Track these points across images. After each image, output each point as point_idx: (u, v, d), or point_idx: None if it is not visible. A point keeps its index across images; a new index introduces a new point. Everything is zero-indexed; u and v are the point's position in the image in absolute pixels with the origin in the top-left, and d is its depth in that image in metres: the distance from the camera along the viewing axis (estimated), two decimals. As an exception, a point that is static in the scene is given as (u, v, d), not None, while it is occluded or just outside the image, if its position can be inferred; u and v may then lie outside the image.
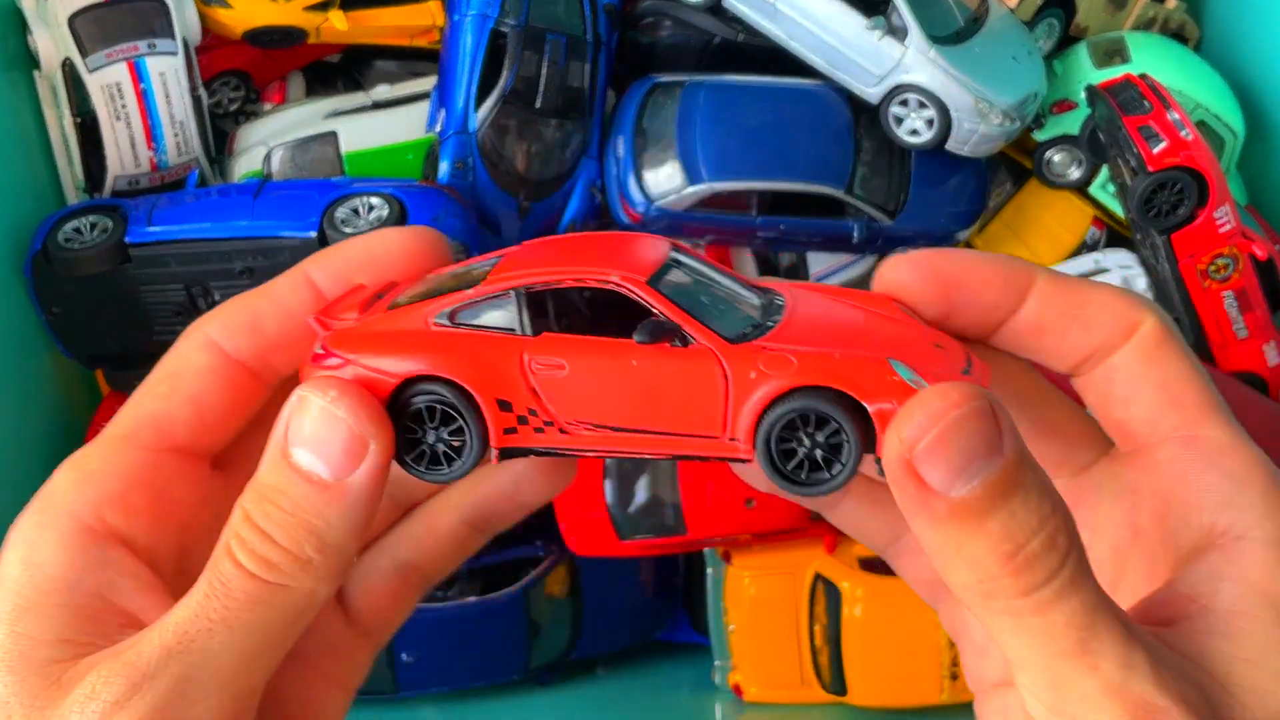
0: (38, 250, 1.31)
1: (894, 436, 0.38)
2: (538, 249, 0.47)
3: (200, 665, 0.40)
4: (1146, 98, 1.35)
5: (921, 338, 0.44)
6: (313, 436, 0.42)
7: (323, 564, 0.42)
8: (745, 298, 0.46)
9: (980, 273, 0.46)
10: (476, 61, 1.42)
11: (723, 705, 1.41)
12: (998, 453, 0.37)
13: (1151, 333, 0.45)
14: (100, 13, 1.38)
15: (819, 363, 0.41)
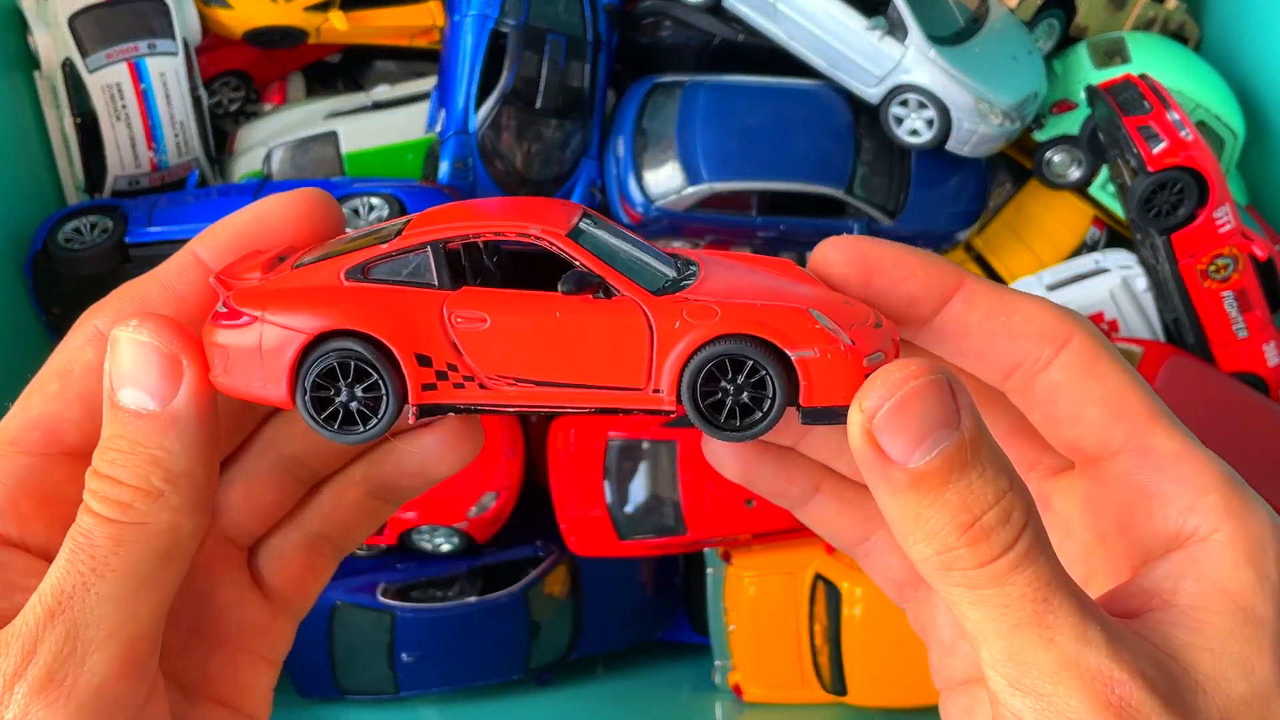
0: (38, 250, 1.31)
1: (855, 406, 0.40)
2: (449, 210, 0.45)
3: (82, 618, 0.40)
4: (1146, 98, 1.35)
5: (830, 294, 0.44)
6: (130, 371, 0.42)
7: (174, 493, 0.42)
8: (659, 257, 0.46)
9: (904, 264, 0.46)
10: (476, 61, 1.42)
11: (723, 705, 1.41)
12: (955, 425, 0.39)
13: (1085, 346, 0.45)
14: (100, 13, 1.38)
15: (742, 311, 0.41)
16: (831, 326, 0.41)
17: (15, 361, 1.33)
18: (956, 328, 0.46)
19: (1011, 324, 0.45)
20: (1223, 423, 1.30)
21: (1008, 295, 0.46)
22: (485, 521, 1.39)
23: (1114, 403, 0.45)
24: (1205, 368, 1.38)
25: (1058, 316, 0.46)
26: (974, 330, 0.46)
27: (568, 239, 0.43)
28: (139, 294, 0.47)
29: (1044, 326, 0.45)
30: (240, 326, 0.43)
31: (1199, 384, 1.34)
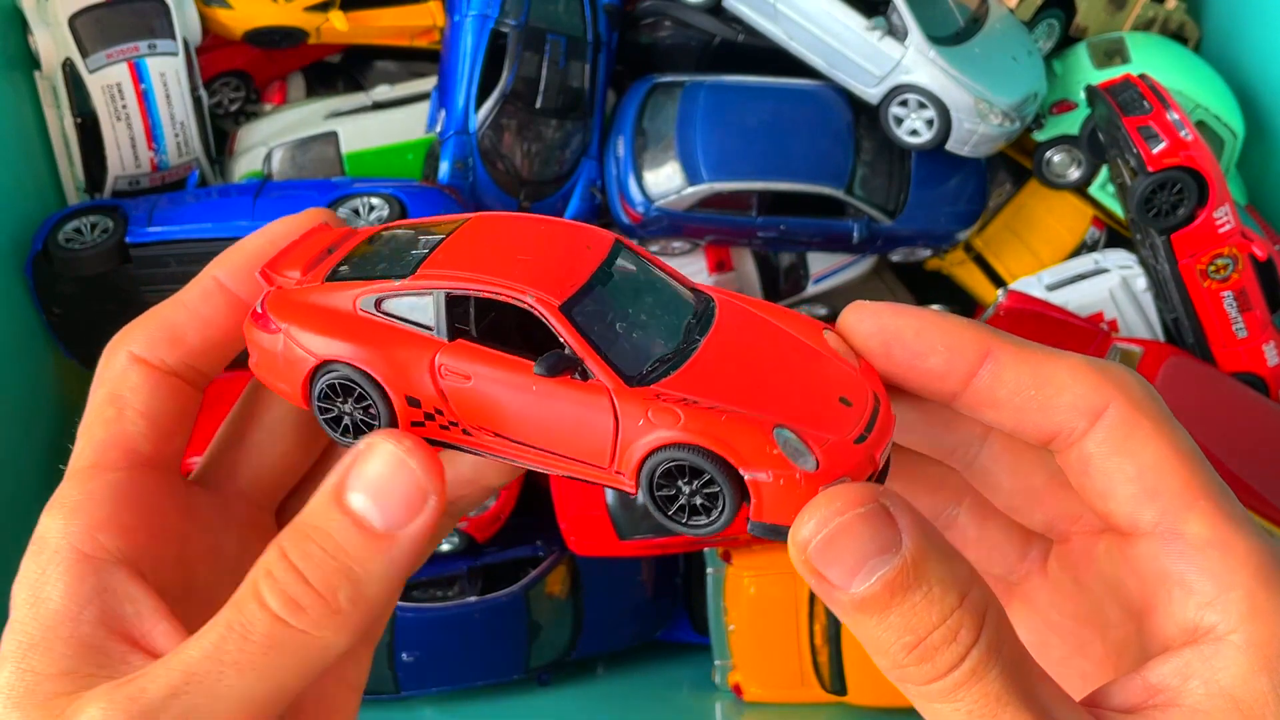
0: (38, 250, 1.31)
1: (793, 534, 0.40)
2: (486, 233, 0.47)
3: (203, 707, 0.40)
4: (1146, 98, 1.35)
5: (830, 389, 0.44)
6: (376, 480, 0.41)
7: (351, 615, 0.41)
8: (668, 318, 0.45)
9: (925, 338, 0.44)
10: (476, 62, 1.42)
11: (723, 705, 1.41)
12: (895, 550, 0.39)
13: (1122, 417, 0.43)
14: (100, 13, 1.38)
15: (704, 422, 0.41)
16: (794, 449, 0.41)
17: (15, 361, 1.33)
18: (986, 401, 0.44)
19: (1043, 396, 0.43)
20: (1222, 423, 1.30)
21: (1038, 363, 0.43)
22: (485, 521, 1.39)
23: (1147, 481, 0.42)
24: (1205, 368, 1.38)
25: (1093, 384, 0.43)
26: (1004, 403, 0.44)
27: (559, 311, 0.43)
28: (166, 319, 0.49)
29: (1078, 398, 0.43)
30: (269, 332, 0.46)
31: (1198, 384, 1.34)
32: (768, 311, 0.47)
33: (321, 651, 0.41)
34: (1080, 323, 1.40)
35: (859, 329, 0.45)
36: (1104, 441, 0.43)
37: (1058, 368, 0.43)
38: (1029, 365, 0.43)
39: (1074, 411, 0.43)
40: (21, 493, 1.32)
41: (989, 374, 0.44)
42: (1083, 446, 0.43)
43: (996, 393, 0.44)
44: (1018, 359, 0.44)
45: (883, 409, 0.44)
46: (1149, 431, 0.42)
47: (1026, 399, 0.43)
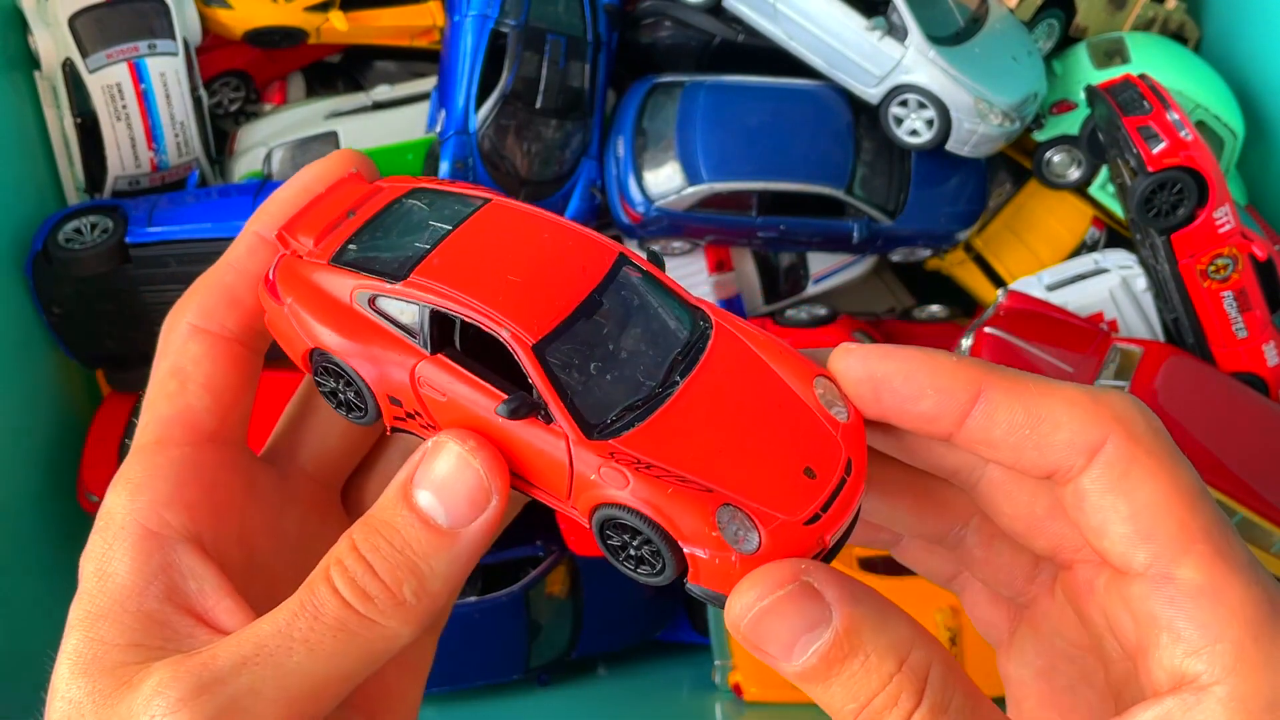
0: (38, 250, 1.31)
1: (726, 614, 0.40)
2: (491, 234, 0.46)
3: (270, 680, 0.41)
4: (1146, 98, 1.35)
5: (799, 456, 0.43)
6: (441, 480, 0.43)
7: (416, 608, 0.42)
8: (651, 354, 0.45)
9: (914, 381, 0.43)
10: (476, 62, 1.42)
11: (723, 705, 1.41)
12: (824, 624, 0.39)
13: (1119, 454, 0.41)
14: (100, 13, 1.38)
15: (650, 491, 0.41)
16: (734, 533, 0.41)
17: (15, 361, 1.33)
18: (981, 440, 0.43)
19: (1039, 434, 0.42)
20: (1222, 423, 1.30)
21: (1033, 400, 0.42)
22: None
23: (1142, 521, 0.41)
24: (1205, 368, 1.38)
25: (1089, 419, 0.42)
26: (1000, 442, 0.43)
27: (531, 352, 0.43)
28: (219, 283, 0.49)
29: (1074, 434, 0.41)
30: (276, 300, 0.47)
31: (1198, 384, 1.33)
32: (763, 347, 0.46)
33: (387, 640, 0.42)
34: (1080, 323, 1.40)
35: (848, 375, 0.45)
36: (1099, 479, 0.41)
37: (1053, 404, 0.42)
38: (1022, 403, 0.42)
39: (1070, 448, 0.42)
40: (22, 492, 1.32)
41: (982, 414, 0.43)
42: (1079, 483, 0.42)
43: (991, 432, 0.43)
44: (1011, 397, 0.42)
45: (850, 482, 0.43)
46: (1147, 468, 0.41)
47: (1021, 437, 0.42)
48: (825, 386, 0.45)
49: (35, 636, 1.28)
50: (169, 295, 1.34)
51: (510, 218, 0.47)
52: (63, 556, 1.38)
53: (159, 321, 1.53)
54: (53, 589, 1.35)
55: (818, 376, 0.45)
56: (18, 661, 1.22)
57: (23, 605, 1.27)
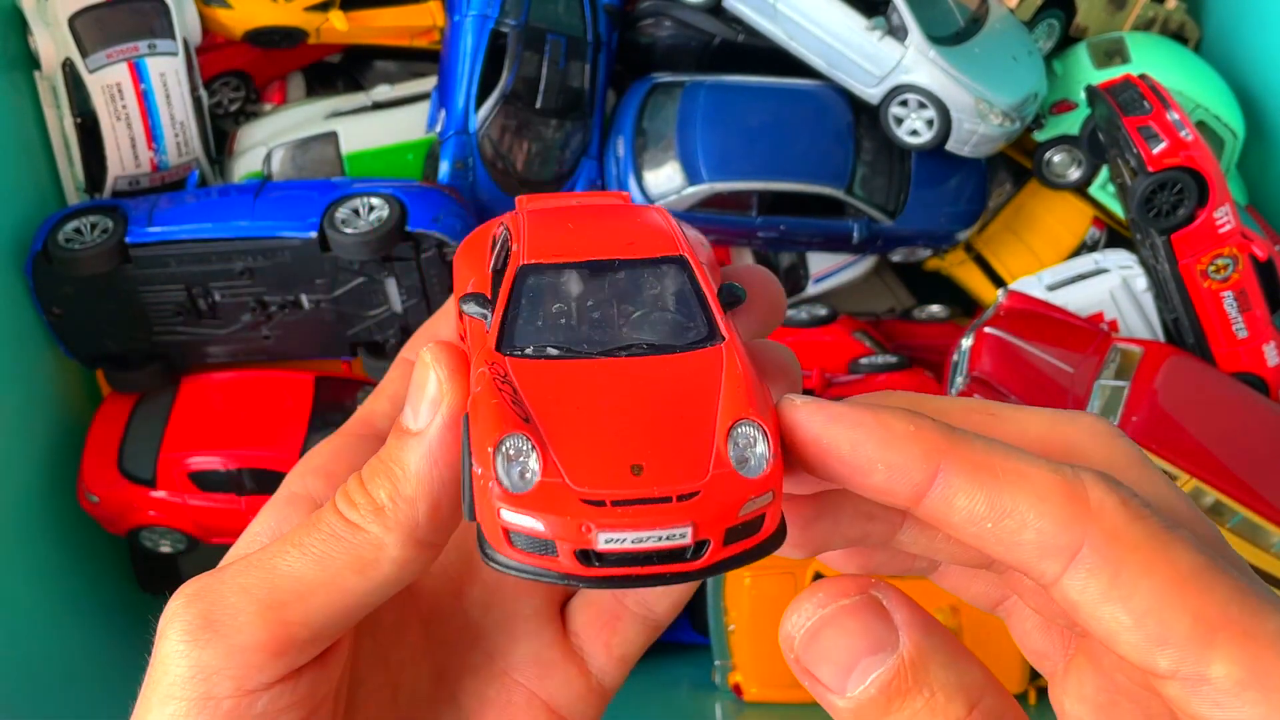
0: (38, 250, 1.31)
1: (781, 631, 0.36)
2: (592, 209, 0.48)
3: (260, 579, 0.42)
4: (1146, 98, 1.35)
5: (635, 456, 0.39)
6: (412, 391, 0.43)
7: (394, 512, 0.42)
8: (621, 330, 0.43)
9: (862, 453, 0.37)
10: (476, 62, 1.42)
11: (723, 705, 1.41)
12: (891, 649, 0.35)
13: (1100, 561, 0.35)
14: (100, 13, 1.38)
15: (477, 394, 0.41)
16: (508, 463, 0.38)
17: (15, 361, 1.33)
18: (941, 524, 0.38)
19: (1003, 531, 0.36)
20: (1222, 423, 1.30)
21: (995, 491, 0.36)
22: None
23: (1151, 628, 0.35)
24: (1205, 368, 1.38)
25: (1059, 518, 0.35)
26: (959, 530, 0.37)
27: (517, 268, 0.44)
28: (433, 328, 0.54)
29: (1044, 536, 0.35)
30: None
31: (1198, 384, 1.33)
32: (734, 380, 0.42)
33: (373, 549, 0.42)
34: (1080, 323, 1.40)
35: (793, 434, 0.39)
36: (1087, 589, 0.35)
37: (1018, 496, 0.36)
38: (985, 489, 0.36)
39: (1041, 552, 0.36)
40: (22, 492, 1.32)
41: (939, 497, 0.37)
42: (1063, 591, 0.36)
43: (949, 518, 0.37)
44: (971, 480, 0.36)
45: (682, 515, 0.37)
46: (1138, 567, 0.35)
47: (983, 530, 0.36)
48: (749, 438, 0.39)
49: (35, 636, 1.28)
50: (169, 295, 1.34)
51: (608, 203, 0.50)
52: (62, 556, 1.39)
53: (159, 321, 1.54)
54: (52, 589, 1.35)
55: (741, 422, 0.40)
56: (18, 661, 1.22)
57: (23, 605, 1.27)
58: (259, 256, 1.32)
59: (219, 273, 1.33)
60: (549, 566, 0.38)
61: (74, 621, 1.35)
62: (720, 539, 0.38)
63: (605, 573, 0.37)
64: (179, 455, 1.35)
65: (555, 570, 0.38)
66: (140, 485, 1.36)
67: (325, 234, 1.30)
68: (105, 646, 1.38)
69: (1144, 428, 1.24)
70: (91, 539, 1.43)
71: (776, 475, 0.38)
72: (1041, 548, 0.35)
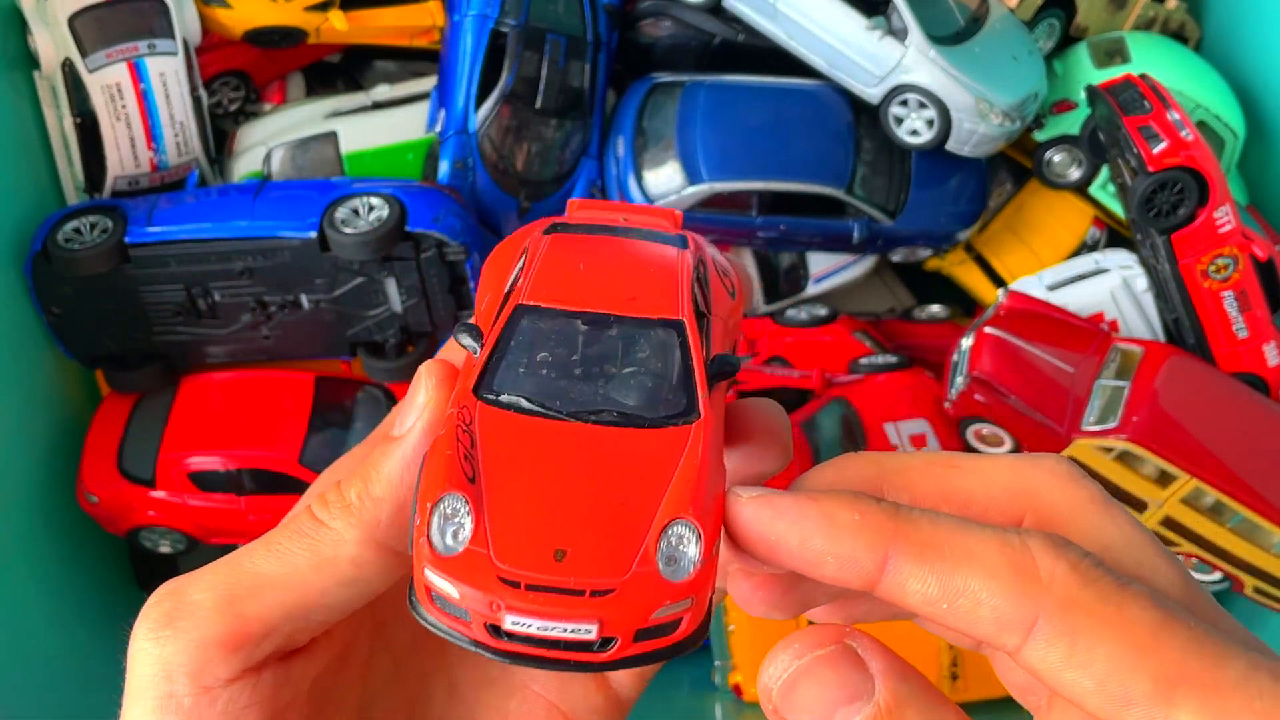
0: (38, 250, 1.31)
1: (759, 682, 0.37)
2: (616, 244, 0.47)
3: (225, 576, 0.42)
4: (1146, 98, 1.34)
5: (560, 541, 0.39)
6: (405, 397, 0.45)
7: (359, 510, 0.43)
8: (599, 393, 0.42)
9: (811, 546, 0.38)
10: (476, 62, 1.42)
11: (723, 705, 1.41)
12: (864, 697, 0.35)
13: (1056, 632, 0.36)
14: (100, 13, 1.38)
15: (436, 445, 0.41)
16: (444, 525, 0.38)
17: (15, 361, 1.33)
18: (900, 606, 0.38)
19: (958, 610, 0.37)
20: (1222, 423, 1.30)
21: (945, 568, 0.37)
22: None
23: (1113, 689, 0.35)
24: (1205, 368, 1.38)
25: (1010, 594, 0.36)
26: (919, 611, 0.38)
27: (514, 307, 0.44)
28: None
29: (999, 613, 0.36)
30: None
31: (1198, 384, 1.33)
32: (688, 474, 0.41)
33: (333, 544, 0.42)
34: (1081, 323, 1.40)
35: (740, 535, 0.39)
36: (1046, 658, 0.36)
37: (969, 577, 0.36)
38: (935, 573, 0.37)
39: (999, 627, 0.36)
40: (22, 492, 1.32)
41: (892, 583, 0.38)
42: (1025, 660, 0.36)
43: (905, 601, 0.38)
44: (920, 565, 0.37)
45: (590, 614, 0.37)
46: (1094, 633, 0.35)
47: (939, 611, 0.37)
48: (682, 539, 0.39)
49: (35, 636, 1.28)
50: (169, 295, 1.34)
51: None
52: (62, 556, 1.38)
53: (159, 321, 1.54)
54: (52, 589, 1.35)
55: (678, 521, 0.39)
56: (18, 660, 1.22)
57: (23, 605, 1.27)
58: (259, 256, 1.32)
59: (219, 273, 1.33)
60: (462, 631, 0.38)
61: (74, 621, 1.35)
62: (629, 638, 0.38)
63: (512, 649, 0.38)
64: (179, 455, 1.35)
65: (467, 636, 0.38)
66: (140, 485, 1.36)
67: (325, 234, 1.30)
68: (105, 646, 1.38)
69: (1144, 428, 1.24)
70: (91, 539, 1.42)
71: (701, 581, 0.38)
72: (998, 623, 0.36)
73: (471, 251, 1.32)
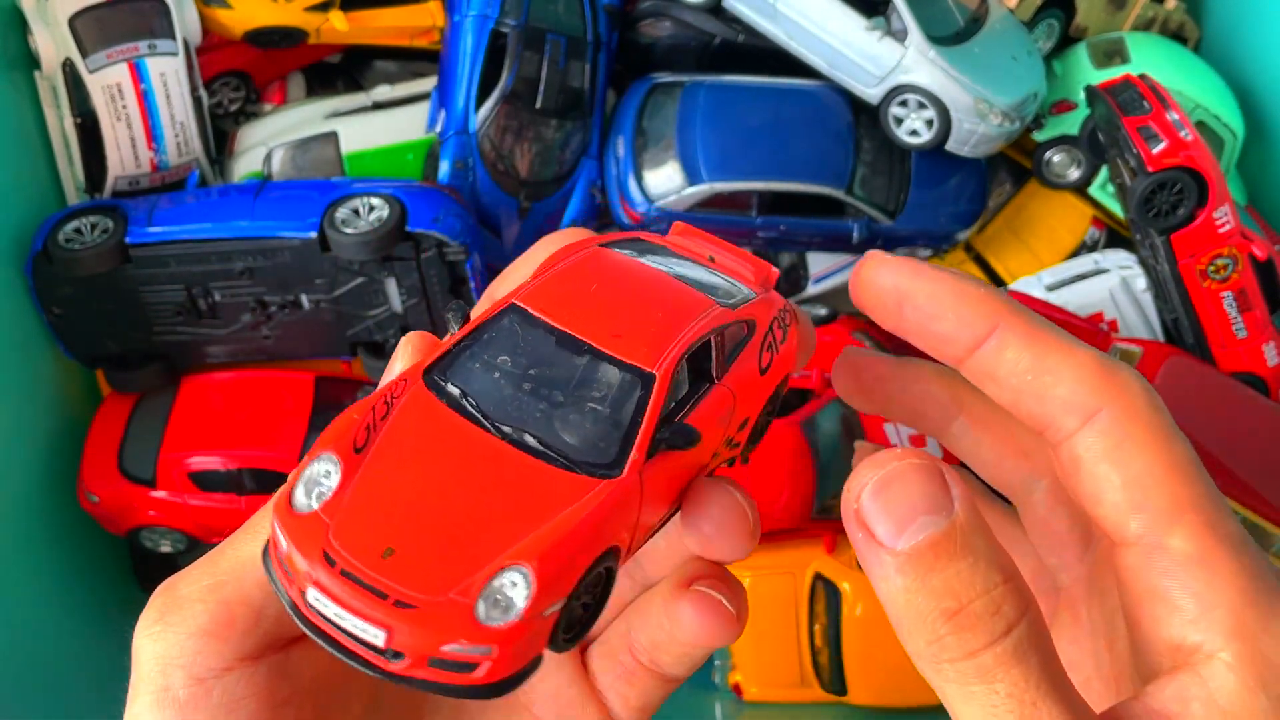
0: (38, 250, 1.31)
1: (846, 488, 0.39)
2: (629, 272, 0.45)
3: (209, 564, 0.43)
4: (1146, 98, 1.35)
5: (392, 538, 0.38)
6: (386, 367, 0.47)
7: None
8: (537, 410, 0.41)
9: (938, 300, 0.44)
10: (476, 62, 1.42)
11: (723, 705, 1.41)
12: (944, 511, 0.38)
13: (1114, 423, 0.41)
14: (100, 13, 1.38)
15: (339, 419, 0.42)
16: (311, 483, 0.38)
17: (15, 361, 1.33)
18: (987, 374, 0.44)
19: (1040, 384, 0.42)
20: (1222, 423, 1.30)
21: (1044, 349, 0.43)
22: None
23: (1134, 491, 0.41)
24: (1205, 368, 1.38)
25: (1092, 384, 0.42)
26: (1002, 381, 0.43)
27: (506, 303, 0.43)
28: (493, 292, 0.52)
29: (1073, 394, 0.42)
30: None
31: (1198, 384, 1.34)
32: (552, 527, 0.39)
33: None
34: (1080, 323, 1.40)
35: (878, 282, 0.45)
36: (1093, 446, 0.42)
37: (1062, 359, 0.42)
38: (1033, 349, 0.43)
39: (1066, 407, 0.42)
40: (22, 492, 1.32)
41: (993, 349, 0.43)
42: (1072, 447, 0.42)
43: (997, 369, 0.43)
44: (1024, 339, 0.43)
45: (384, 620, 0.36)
46: (1142, 440, 0.41)
47: (1023, 382, 0.43)
48: (514, 586, 0.37)
49: (35, 635, 1.28)
50: (169, 295, 1.34)
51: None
52: (62, 556, 1.39)
53: (159, 321, 1.54)
54: (52, 588, 1.35)
55: (519, 568, 0.37)
56: (17, 660, 1.22)
57: (23, 605, 1.27)
58: (259, 256, 1.32)
59: (219, 273, 1.33)
60: (285, 588, 0.38)
61: (74, 621, 1.36)
62: (419, 659, 0.37)
63: (313, 621, 0.37)
64: (179, 455, 1.35)
65: (286, 595, 0.38)
66: (140, 485, 1.36)
67: (325, 234, 1.30)
68: (105, 646, 1.38)
69: (1144, 428, 1.24)
70: (91, 539, 1.43)
71: (513, 634, 0.36)
72: (1067, 404, 0.42)
73: (471, 251, 1.32)
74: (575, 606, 0.39)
